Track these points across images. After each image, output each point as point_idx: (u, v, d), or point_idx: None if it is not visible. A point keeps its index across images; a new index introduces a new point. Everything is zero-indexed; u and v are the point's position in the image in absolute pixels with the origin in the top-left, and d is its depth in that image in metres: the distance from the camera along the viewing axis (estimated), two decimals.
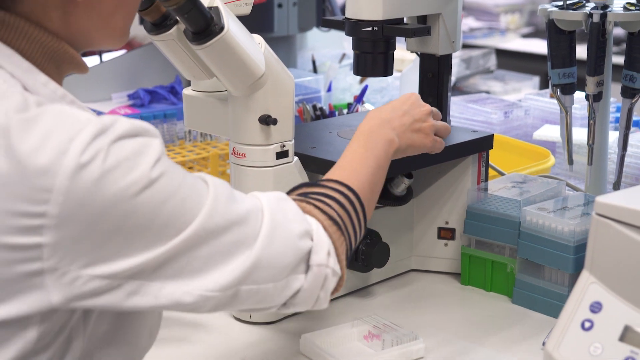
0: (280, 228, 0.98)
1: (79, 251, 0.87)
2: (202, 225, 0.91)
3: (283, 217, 1.00)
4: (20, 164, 0.85)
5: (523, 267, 1.42)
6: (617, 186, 1.64)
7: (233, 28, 1.17)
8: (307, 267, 1.01)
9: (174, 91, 2.39)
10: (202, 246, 0.92)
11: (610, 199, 1.10)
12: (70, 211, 0.85)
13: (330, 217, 1.05)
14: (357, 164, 1.16)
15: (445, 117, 1.62)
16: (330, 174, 1.14)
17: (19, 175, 0.85)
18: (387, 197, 1.45)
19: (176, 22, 1.21)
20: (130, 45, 2.65)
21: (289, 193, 1.10)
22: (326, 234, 1.03)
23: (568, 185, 1.72)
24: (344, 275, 1.06)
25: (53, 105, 0.89)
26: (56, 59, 0.97)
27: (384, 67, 1.48)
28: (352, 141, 1.20)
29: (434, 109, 1.32)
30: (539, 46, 4.36)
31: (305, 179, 1.37)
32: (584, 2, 1.59)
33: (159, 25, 1.20)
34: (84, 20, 0.97)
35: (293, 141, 1.34)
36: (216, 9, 1.16)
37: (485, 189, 1.50)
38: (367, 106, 2.16)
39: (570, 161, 1.68)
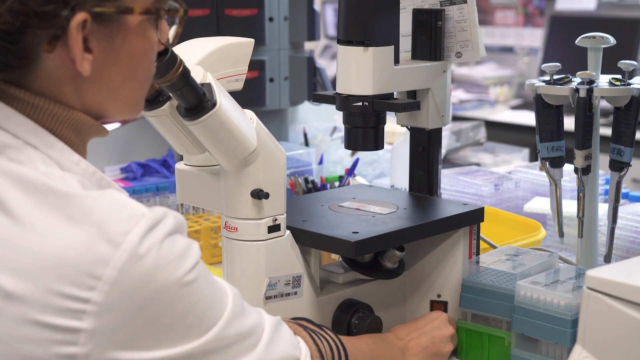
0: (274, 344, 1.06)
1: (113, 341, 0.89)
2: (220, 333, 0.97)
3: (278, 338, 1.08)
4: (77, 248, 0.88)
5: (519, 341, 1.40)
6: (607, 259, 1.64)
7: (225, 104, 1.18)
8: None
9: (167, 164, 2.40)
10: (214, 353, 0.97)
11: (600, 273, 1.10)
12: (114, 301, 0.88)
13: (319, 350, 1.15)
14: (358, 346, 1.27)
15: (435, 190, 1.63)
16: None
17: (71, 258, 0.88)
18: (379, 270, 1.45)
19: (169, 98, 1.22)
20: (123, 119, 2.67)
21: (290, 320, 1.21)
22: None
23: (560, 258, 1.72)
24: None
25: (108, 191, 0.93)
26: (77, 127, 0.99)
27: (375, 141, 1.49)
28: (365, 337, 1.34)
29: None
30: (528, 118, 4.42)
31: (297, 253, 1.37)
32: (571, 77, 1.62)
33: (152, 101, 1.22)
34: (94, 93, 0.98)
35: (285, 215, 1.34)
36: (208, 85, 1.18)
37: (480, 262, 1.49)
38: (359, 179, 2.17)
39: (561, 234, 1.68)
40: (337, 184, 2.11)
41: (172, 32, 1.06)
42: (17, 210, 0.90)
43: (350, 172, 2.13)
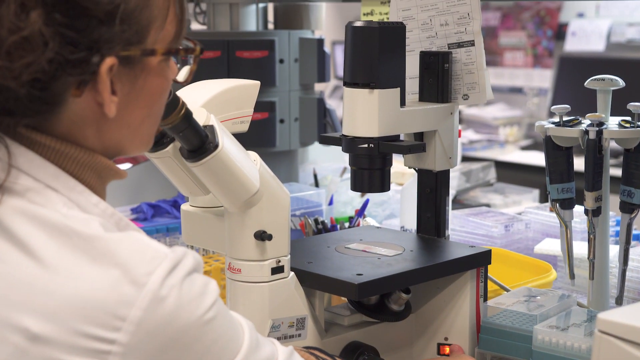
0: None
1: None
2: None
3: None
4: (98, 290, 0.89)
5: None
6: (619, 301, 1.62)
7: (227, 146, 1.18)
8: None
9: (177, 205, 2.40)
10: None
11: (612, 316, 1.08)
12: (139, 341, 0.89)
13: None
14: None
15: (443, 232, 1.62)
16: None
17: (96, 299, 0.89)
18: (385, 313, 1.44)
19: (172, 140, 1.23)
20: (134, 160, 2.68)
21: (302, 348, 1.20)
22: None
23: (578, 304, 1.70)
24: None
25: (130, 232, 0.94)
26: (97, 171, 1.01)
27: (381, 183, 1.49)
28: None
29: None
30: (538, 158, 4.41)
31: (302, 295, 1.36)
32: (580, 119, 1.61)
33: (155, 143, 1.22)
34: (115, 133, 1.00)
35: (289, 256, 1.33)
36: (211, 127, 1.18)
37: (498, 304, 1.47)
38: (369, 220, 2.16)
39: (572, 275, 1.66)
40: (347, 224, 2.10)
41: (186, 70, 1.08)
42: (42, 252, 0.91)
43: (360, 213, 2.12)
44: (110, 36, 0.93)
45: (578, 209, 1.67)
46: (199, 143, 1.16)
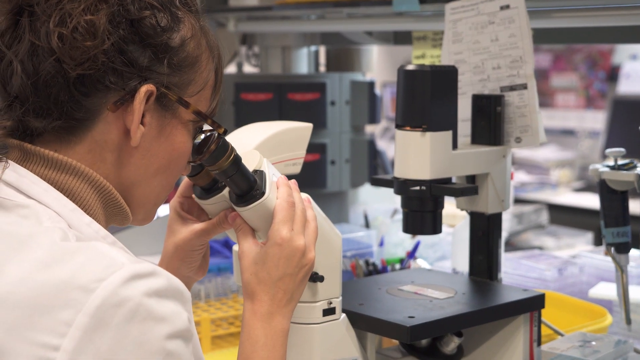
0: None
1: None
2: None
3: None
4: (49, 294, 0.87)
5: None
6: None
7: (274, 193, 1.18)
8: None
9: (228, 245, 2.42)
10: None
11: None
12: (83, 349, 0.86)
13: None
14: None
15: (495, 275, 1.61)
16: None
17: (44, 305, 0.87)
18: (437, 356, 1.43)
19: (225, 186, 1.23)
20: None
21: None
22: None
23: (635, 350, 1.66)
24: None
25: (93, 242, 0.93)
26: (104, 200, 1.01)
27: (433, 226, 1.49)
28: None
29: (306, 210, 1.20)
30: (591, 200, 4.34)
31: (353, 337, 1.35)
32: (635, 162, 1.60)
33: (209, 190, 1.23)
34: (132, 170, 1.02)
35: (340, 298, 1.33)
36: (261, 172, 1.18)
37: (553, 348, 1.45)
38: (420, 262, 2.15)
39: (628, 321, 1.63)
40: (398, 266, 2.09)
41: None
42: None
43: (411, 254, 2.12)
44: (156, 69, 0.99)
45: (634, 253, 1.64)
46: (247, 188, 1.16)
